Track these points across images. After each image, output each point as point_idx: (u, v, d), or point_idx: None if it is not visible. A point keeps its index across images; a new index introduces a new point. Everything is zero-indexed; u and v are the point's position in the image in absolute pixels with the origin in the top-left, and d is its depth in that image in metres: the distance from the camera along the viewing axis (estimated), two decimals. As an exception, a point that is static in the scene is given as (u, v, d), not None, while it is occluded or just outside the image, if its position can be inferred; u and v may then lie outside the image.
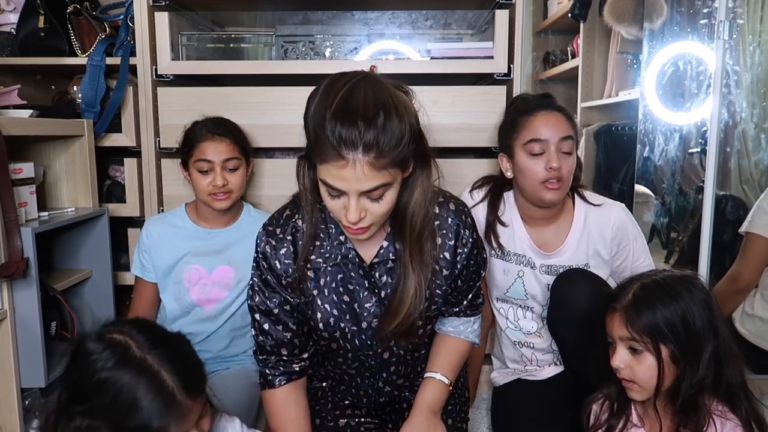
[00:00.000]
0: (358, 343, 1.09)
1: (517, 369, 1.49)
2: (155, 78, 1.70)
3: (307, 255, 1.06)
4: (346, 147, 0.88)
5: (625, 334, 1.01)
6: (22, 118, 1.45)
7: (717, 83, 1.79)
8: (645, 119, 2.48)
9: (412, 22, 2.06)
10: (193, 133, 1.47)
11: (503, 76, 1.68)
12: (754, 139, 2.31)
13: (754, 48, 2.29)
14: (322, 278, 1.07)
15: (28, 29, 1.72)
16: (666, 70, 2.42)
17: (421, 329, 1.10)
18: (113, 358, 0.81)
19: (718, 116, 1.81)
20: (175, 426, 0.82)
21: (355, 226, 0.95)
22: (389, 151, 0.89)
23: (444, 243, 1.08)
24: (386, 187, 0.93)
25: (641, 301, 1.01)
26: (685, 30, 2.36)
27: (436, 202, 1.09)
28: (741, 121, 2.30)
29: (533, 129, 1.32)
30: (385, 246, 1.07)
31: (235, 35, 1.84)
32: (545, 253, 1.40)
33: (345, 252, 1.07)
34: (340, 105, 0.89)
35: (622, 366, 1.02)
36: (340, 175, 0.90)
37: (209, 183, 1.44)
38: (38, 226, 1.38)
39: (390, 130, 0.89)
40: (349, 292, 1.08)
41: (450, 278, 1.11)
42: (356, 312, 1.08)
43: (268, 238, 1.08)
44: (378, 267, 1.08)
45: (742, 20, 2.25)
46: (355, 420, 1.17)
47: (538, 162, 1.31)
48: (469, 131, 1.68)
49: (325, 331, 1.08)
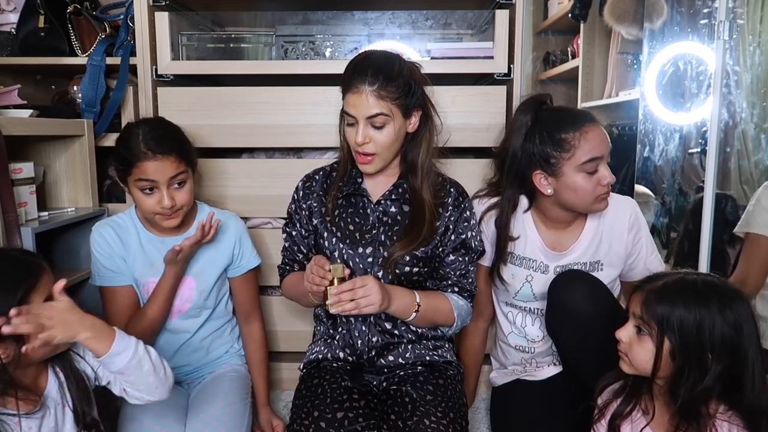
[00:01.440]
0: (352, 265, 1.30)
1: (517, 369, 1.49)
2: (155, 78, 1.70)
3: (336, 187, 1.34)
4: (359, 80, 1.22)
5: (637, 312, 1.04)
6: (22, 118, 1.45)
7: (717, 83, 1.79)
8: (645, 119, 2.48)
9: (412, 22, 2.06)
10: (129, 150, 1.29)
11: (503, 76, 1.68)
12: (754, 139, 2.31)
13: (754, 48, 2.29)
14: (336, 210, 1.35)
15: (28, 29, 1.72)
16: (666, 71, 2.42)
17: (408, 266, 1.30)
18: None
19: (718, 116, 1.81)
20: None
21: (361, 149, 1.25)
22: (389, 88, 1.22)
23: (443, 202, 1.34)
24: (386, 119, 1.23)
25: (668, 291, 1.02)
26: (685, 30, 2.36)
27: (441, 177, 1.38)
28: (741, 121, 2.30)
29: (592, 147, 1.27)
30: (391, 188, 1.34)
31: (235, 35, 1.84)
32: (559, 253, 1.39)
33: (357, 187, 1.34)
34: (362, 56, 1.30)
35: (624, 339, 1.06)
36: (354, 102, 1.23)
37: (155, 203, 1.31)
38: (38, 226, 1.38)
39: (391, 76, 1.23)
40: (355, 223, 1.33)
41: (440, 231, 1.33)
42: (356, 239, 1.31)
43: (304, 178, 1.41)
44: (383, 202, 1.33)
45: (742, 20, 2.25)
46: (353, 412, 1.17)
47: (592, 180, 1.28)
48: (469, 131, 1.68)
49: (327, 249, 1.32)
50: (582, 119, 1.30)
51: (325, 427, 1.14)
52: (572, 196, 1.30)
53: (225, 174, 1.69)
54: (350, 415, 1.17)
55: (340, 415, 1.17)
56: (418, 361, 1.33)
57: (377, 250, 1.30)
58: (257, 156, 1.79)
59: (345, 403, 1.20)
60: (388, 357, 1.32)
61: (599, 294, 1.31)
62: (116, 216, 1.43)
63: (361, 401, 1.22)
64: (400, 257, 1.28)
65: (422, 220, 1.29)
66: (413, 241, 1.28)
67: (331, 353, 1.35)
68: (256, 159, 1.77)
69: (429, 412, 1.18)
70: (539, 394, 1.41)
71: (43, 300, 0.97)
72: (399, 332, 1.33)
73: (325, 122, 1.66)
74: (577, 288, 1.29)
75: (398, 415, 1.19)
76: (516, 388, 1.46)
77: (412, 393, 1.23)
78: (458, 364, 1.38)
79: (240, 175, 1.70)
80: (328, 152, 1.74)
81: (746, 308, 1.01)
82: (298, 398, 1.28)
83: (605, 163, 1.29)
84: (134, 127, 1.33)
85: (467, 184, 1.58)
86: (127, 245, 1.39)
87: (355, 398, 1.22)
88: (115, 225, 1.40)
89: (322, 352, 1.36)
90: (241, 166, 1.71)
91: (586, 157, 1.27)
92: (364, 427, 1.15)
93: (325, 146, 1.72)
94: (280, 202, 1.68)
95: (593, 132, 1.28)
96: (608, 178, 1.28)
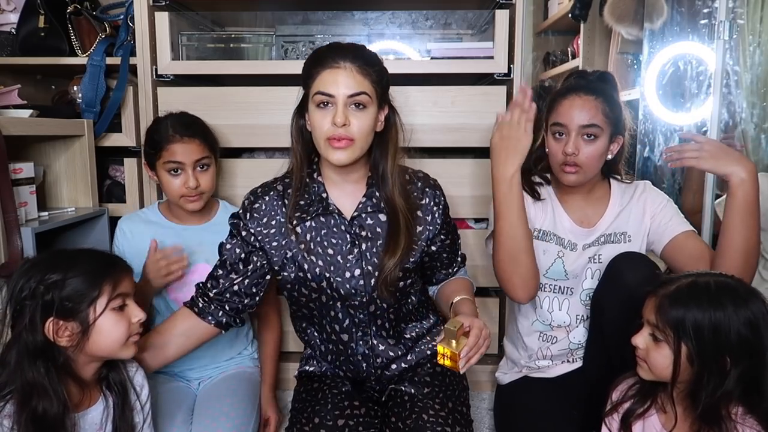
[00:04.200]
0: (343, 292, 1.21)
1: (526, 365, 1.47)
2: (155, 78, 1.70)
3: (294, 204, 1.21)
4: (341, 57, 1.13)
5: (652, 320, 1.03)
6: (22, 118, 1.45)
7: (717, 83, 1.79)
8: (645, 119, 2.48)
9: (412, 22, 2.06)
10: (159, 134, 1.43)
11: (503, 76, 1.68)
12: (754, 139, 2.31)
13: (754, 48, 2.28)
14: (308, 234, 1.21)
15: (28, 29, 1.72)
16: (666, 71, 2.42)
17: (401, 281, 1.23)
18: (52, 254, 1.04)
19: (718, 116, 1.81)
20: (119, 282, 1.03)
21: (339, 132, 1.12)
22: (370, 69, 1.15)
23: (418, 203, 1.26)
24: (368, 99, 1.14)
25: (680, 295, 1.01)
26: (685, 30, 2.36)
27: (407, 174, 1.28)
28: (741, 121, 2.30)
29: (560, 114, 1.33)
30: (364, 201, 1.23)
31: (235, 35, 1.84)
32: (587, 229, 1.40)
33: (326, 205, 1.21)
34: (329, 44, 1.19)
35: (640, 346, 1.06)
36: (334, 79, 1.12)
37: (181, 185, 1.42)
38: (38, 226, 1.38)
39: (372, 59, 1.17)
40: (332, 245, 1.21)
41: (425, 234, 1.27)
42: (340, 263, 1.21)
43: (249, 195, 1.26)
44: (358, 219, 1.22)
45: (742, 20, 2.25)
46: (354, 420, 1.17)
47: (558, 144, 1.34)
48: (469, 131, 1.68)
49: (314, 281, 1.21)
50: (573, 88, 1.34)
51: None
52: (549, 156, 1.37)
53: (225, 174, 1.69)
54: (351, 423, 1.16)
55: (341, 422, 1.16)
56: (420, 358, 1.31)
57: (366, 270, 1.21)
58: (257, 156, 1.79)
59: (346, 410, 1.19)
60: (391, 367, 1.30)
61: (655, 277, 1.27)
62: (140, 211, 1.57)
63: (361, 408, 1.21)
64: (393, 272, 1.19)
65: (398, 229, 1.20)
66: (395, 253, 1.19)
67: (329, 371, 1.32)
68: (256, 159, 1.77)
69: (427, 406, 1.17)
70: (549, 392, 1.40)
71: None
72: (404, 343, 1.30)
73: (325, 122, 1.65)
74: (639, 268, 1.27)
75: (398, 416, 1.19)
76: (523, 386, 1.45)
77: (410, 389, 1.23)
78: None
79: (240, 175, 1.70)
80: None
81: (762, 307, 0.99)
82: (297, 401, 1.27)
83: (577, 136, 1.31)
84: (162, 117, 1.48)
85: (468, 184, 1.59)
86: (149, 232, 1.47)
87: (356, 405, 1.21)
88: (140, 217, 1.52)
89: (319, 368, 1.33)
90: (241, 166, 1.71)
91: (552, 120, 1.35)
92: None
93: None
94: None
95: (569, 101, 1.32)
96: (570, 147, 1.30)
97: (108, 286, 1.00)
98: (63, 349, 0.99)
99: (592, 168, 1.33)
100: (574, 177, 1.33)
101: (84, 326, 0.98)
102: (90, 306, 0.99)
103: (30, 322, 0.96)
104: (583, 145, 1.31)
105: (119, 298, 1.02)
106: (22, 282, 0.97)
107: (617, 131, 1.35)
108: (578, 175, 1.32)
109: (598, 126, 1.30)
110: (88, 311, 0.99)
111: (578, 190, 1.40)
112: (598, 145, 1.31)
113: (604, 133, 1.32)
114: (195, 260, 1.47)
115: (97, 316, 0.99)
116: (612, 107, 1.33)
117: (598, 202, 1.42)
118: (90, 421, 1.04)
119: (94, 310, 0.99)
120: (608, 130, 1.32)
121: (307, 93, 1.18)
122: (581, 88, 1.33)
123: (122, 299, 1.03)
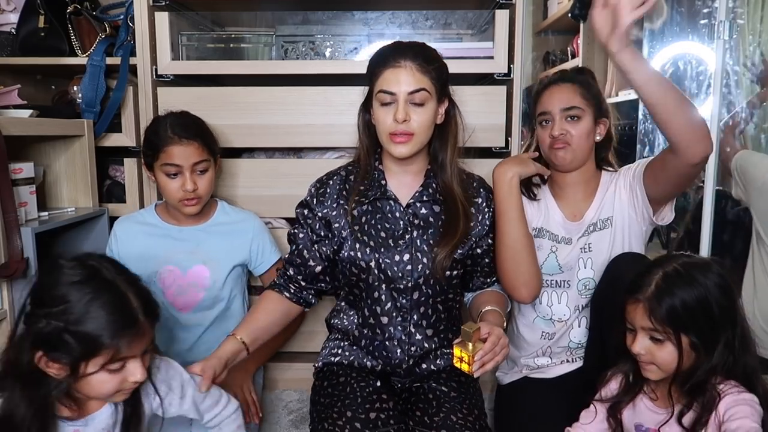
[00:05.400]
0: (390, 274, 1.26)
1: (526, 365, 1.47)
2: (155, 78, 1.70)
3: (356, 188, 1.29)
4: (401, 56, 1.20)
5: (648, 325, 1.04)
6: (22, 118, 1.45)
7: (717, 83, 1.79)
8: (645, 119, 2.48)
9: (412, 22, 2.06)
10: (158, 135, 1.40)
11: (503, 76, 1.68)
12: (754, 139, 2.31)
13: (754, 48, 2.29)
14: (363, 216, 1.29)
15: (28, 29, 1.72)
16: (666, 70, 2.42)
17: (448, 271, 1.27)
18: (83, 274, 0.91)
19: (718, 116, 1.81)
20: (126, 346, 0.91)
21: (401, 128, 1.20)
22: (430, 66, 1.21)
23: (473, 199, 1.33)
24: (427, 96, 1.21)
25: (664, 292, 1.03)
26: (685, 30, 2.36)
27: (465, 173, 1.36)
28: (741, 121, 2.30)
29: (543, 103, 1.40)
30: (420, 190, 1.30)
31: (235, 35, 1.84)
32: (578, 222, 1.43)
33: (384, 191, 1.29)
34: (392, 43, 1.27)
35: (642, 352, 1.06)
36: (395, 77, 1.20)
37: (179, 187, 1.40)
38: (38, 226, 1.38)
39: (431, 56, 1.24)
40: (385, 229, 1.28)
41: (476, 230, 1.32)
42: (390, 245, 1.26)
43: (316, 182, 1.35)
44: (413, 207, 1.29)
45: (742, 20, 2.25)
46: (385, 413, 1.17)
47: (546, 130, 1.40)
48: (469, 131, 1.67)
49: (363, 260, 1.26)
50: (551, 81, 1.42)
51: (360, 427, 1.13)
52: (540, 146, 1.43)
53: (225, 174, 1.69)
54: (382, 416, 1.16)
55: (373, 415, 1.16)
56: (448, 365, 1.32)
57: (414, 256, 1.26)
58: (257, 156, 1.79)
59: (375, 403, 1.19)
60: (422, 365, 1.31)
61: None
62: (136, 212, 1.55)
63: (389, 402, 1.22)
64: (445, 259, 1.25)
65: (457, 215, 1.27)
66: (453, 237, 1.26)
67: (357, 360, 1.32)
68: (256, 159, 1.77)
69: (455, 408, 1.18)
70: (548, 393, 1.40)
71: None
72: (437, 339, 1.32)
73: (325, 122, 1.66)
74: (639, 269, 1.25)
75: (424, 411, 1.20)
76: (523, 386, 1.46)
77: (435, 389, 1.24)
78: None
79: (240, 175, 1.70)
80: (328, 152, 1.74)
81: (718, 268, 1.05)
82: (322, 396, 1.27)
83: (561, 119, 1.36)
84: (162, 117, 1.45)
85: (467, 184, 1.58)
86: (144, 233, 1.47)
87: (384, 398, 1.22)
88: (136, 218, 1.51)
89: (345, 357, 1.33)
90: (241, 166, 1.71)
91: (537, 112, 1.42)
92: (396, 430, 1.15)
93: (325, 146, 1.72)
94: (280, 202, 1.68)
95: (549, 91, 1.40)
96: (555, 130, 1.36)
97: (110, 350, 0.89)
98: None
99: (580, 146, 1.38)
100: (562, 153, 1.38)
101: (72, 373, 0.90)
102: (83, 360, 0.89)
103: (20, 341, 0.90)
104: (568, 126, 1.37)
105: (120, 361, 0.92)
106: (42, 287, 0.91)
107: (600, 114, 1.41)
108: (567, 151, 1.37)
109: (579, 107, 1.37)
110: (79, 363, 0.89)
111: (574, 181, 1.43)
112: (583, 125, 1.37)
113: (586, 114, 1.38)
114: (192, 263, 1.46)
115: (86, 372, 0.90)
116: (589, 91, 1.40)
117: (590, 195, 1.44)
118: (96, 426, 1.00)
119: (86, 365, 0.89)
120: (590, 111, 1.38)
121: (371, 90, 1.26)
122: (559, 79, 1.42)
123: (123, 362, 0.93)
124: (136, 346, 0.93)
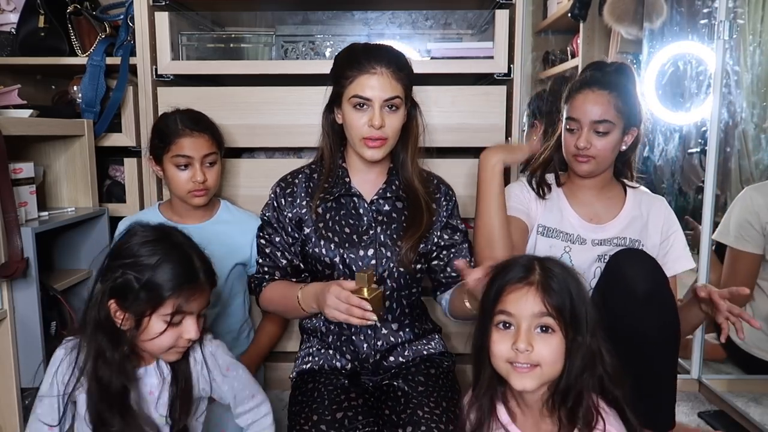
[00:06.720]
0: (355, 269, 1.28)
1: None
2: (155, 78, 1.70)
3: (321, 186, 1.31)
4: (376, 62, 1.21)
5: (542, 310, 0.96)
6: (22, 118, 1.45)
7: (717, 83, 1.79)
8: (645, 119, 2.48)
9: (412, 22, 2.06)
10: (168, 128, 1.44)
11: (503, 76, 1.68)
12: (754, 139, 2.31)
13: (754, 48, 2.29)
14: (328, 213, 1.32)
15: (28, 29, 1.72)
16: (666, 70, 2.42)
17: (414, 264, 1.31)
18: (155, 234, 1.04)
19: (718, 116, 1.81)
20: (186, 301, 1.00)
21: (377, 133, 1.22)
22: (402, 73, 1.24)
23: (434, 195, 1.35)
24: (400, 102, 1.24)
25: (552, 278, 0.97)
26: (685, 30, 2.36)
27: (425, 172, 1.39)
28: (741, 121, 2.30)
29: (573, 108, 1.38)
30: (384, 187, 1.33)
31: (235, 35, 1.84)
32: (597, 225, 1.43)
33: (348, 188, 1.31)
34: (365, 44, 1.29)
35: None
36: (371, 83, 1.21)
37: (189, 179, 1.43)
38: (38, 226, 1.38)
39: (403, 62, 1.26)
40: (349, 225, 1.31)
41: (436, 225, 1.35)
42: (355, 241, 1.30)
43: (280, 182, 1.37)
44: (376, 203, 1.33)
45: (742, 20, 2.25)
46: (352, 411, 1.17)
47: (572, 137, 1.39)
48: (469, 131, 1.68)
49: (327, 256, 1.29)
50: (587, 83, 1.38)
51: (326, 429, 1.13)
52: (564, 146, 1.42)
53: (225, 174, 1.69)
54: (350, 414, 1.17)
55: (340, 415, 1.16)
56: (417, 357, 1.33)
57: (379, 251, 1.30)
58: (257, 156, 1.79)
59: (343, 403, 1.19)
60: (389, 358, 1.33)
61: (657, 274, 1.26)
62: (140, 212, 1.58)
63: (359, 399, 1.22)
64: (409, 251, 1.28)
65: (420, 209, 1.31)
66: (417, 230, 1.29)
67: (327, 363, 1.33)
68: (256, 159, 1.77)
69: (422, 403, 1.18)
70: None
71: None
72: (403, 333, 1.34)
73: (325, 122, 1.66)
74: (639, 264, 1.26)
75: (392, 409, 1.20)
76: None
77: (403, 386, 1.24)
78: (450, 354, 1.39)
79: (240, 175, 1.70)
80: (328, 152, 1.74)
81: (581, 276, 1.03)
82: (294, 404, 1.27)
83: (589, 131, 1.35)
84: (170, 113, 1.49)
85: (468, 185, 1.59)
86: None
87: (352, 397, 1.22)
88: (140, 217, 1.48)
89: (316, 362, 1.34)
90: (242, 166, 1.71)
91: (566, 113, 1.40)
92: (364, 425, 1.15)
93: (325, 146, 1.72)
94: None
95: (582, 96, 1.37)
96: (582, 142, 1.35)
97: (173, 301, 1.00)
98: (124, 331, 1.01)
99: (604, 159, 1.38)
100: (586, 167, 1.38)
101: (137, 326, 1.00)
102: (148, 310, 0.99)
103: (99, 297, 1.01)
104: (595, 139, 1.35)
105: (179, 314, 1.01)
106: (119, 245, 1.03)
107: (631, 124, 1.39)
108: (590, 164, 1.38)
109: (610, 122, 1.34)
110: (145, 312, 0.99)
111: (590, 185, 1.44)
112: (610, 139, 1.36)
113: (616, 128, 1.36)
114: None
115: (150, 322, 1.00)
116: (626, 101, 1.36)
117: (609, 202, 1.45)
118: (142, 387, 1.06)
119: (150, 316, 1.00)
120: (620, 124, 1.36)
121: (338, 91, 1.26)
122: (595, 82, 1.37)
123: (182, 315, 1.02)
124: (194, 302, 1.02)
